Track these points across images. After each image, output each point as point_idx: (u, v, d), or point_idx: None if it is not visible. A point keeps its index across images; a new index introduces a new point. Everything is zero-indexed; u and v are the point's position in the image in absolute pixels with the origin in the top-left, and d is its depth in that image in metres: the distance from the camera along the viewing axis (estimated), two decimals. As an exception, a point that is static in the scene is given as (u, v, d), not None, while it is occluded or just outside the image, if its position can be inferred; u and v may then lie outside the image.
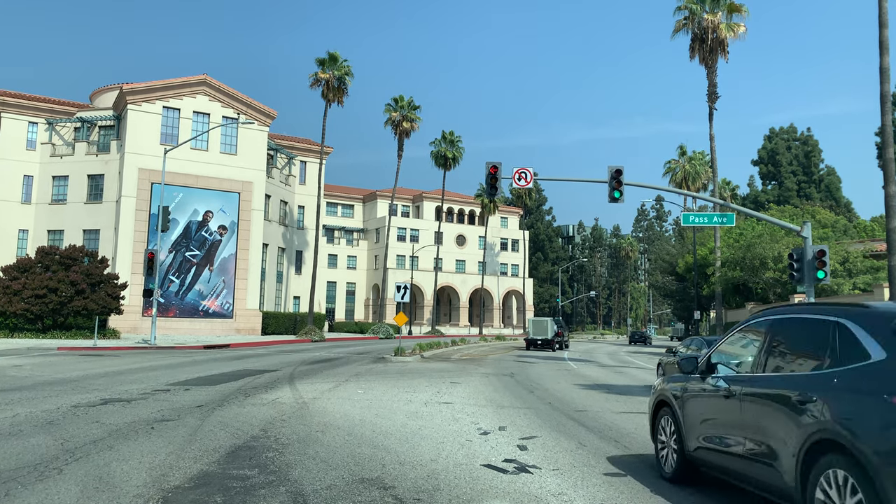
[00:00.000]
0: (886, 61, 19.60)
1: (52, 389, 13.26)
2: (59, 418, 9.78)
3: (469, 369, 22.52)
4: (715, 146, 39.49)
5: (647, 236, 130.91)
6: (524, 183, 23.42)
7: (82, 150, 48.42)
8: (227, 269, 48.49)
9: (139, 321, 44.26)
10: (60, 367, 18.34)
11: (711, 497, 6.40)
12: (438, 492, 6.30)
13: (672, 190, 29.73)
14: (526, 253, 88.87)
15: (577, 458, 8.14)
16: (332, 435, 9.14)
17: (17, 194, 48.02)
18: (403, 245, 78.48)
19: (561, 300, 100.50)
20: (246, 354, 26.93)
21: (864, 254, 33.65)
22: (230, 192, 48.95)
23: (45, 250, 35.75)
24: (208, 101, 49.17)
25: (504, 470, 7.31)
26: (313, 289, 50.40)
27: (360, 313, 78.31)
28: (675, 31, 39.74)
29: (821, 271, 22.44)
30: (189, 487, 6.17)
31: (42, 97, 50.65)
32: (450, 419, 10.92)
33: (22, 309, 33.20)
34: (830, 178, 75.71)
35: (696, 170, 61.75)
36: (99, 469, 6.76)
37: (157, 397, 12.51)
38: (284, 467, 7.08)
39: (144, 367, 19.37)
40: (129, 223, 45.21)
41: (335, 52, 51.58)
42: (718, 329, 40.50)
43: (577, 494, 6.38)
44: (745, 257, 34.71)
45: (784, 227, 27.04)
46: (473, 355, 32.33)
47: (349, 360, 25.40)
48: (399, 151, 63.21)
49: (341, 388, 15.02)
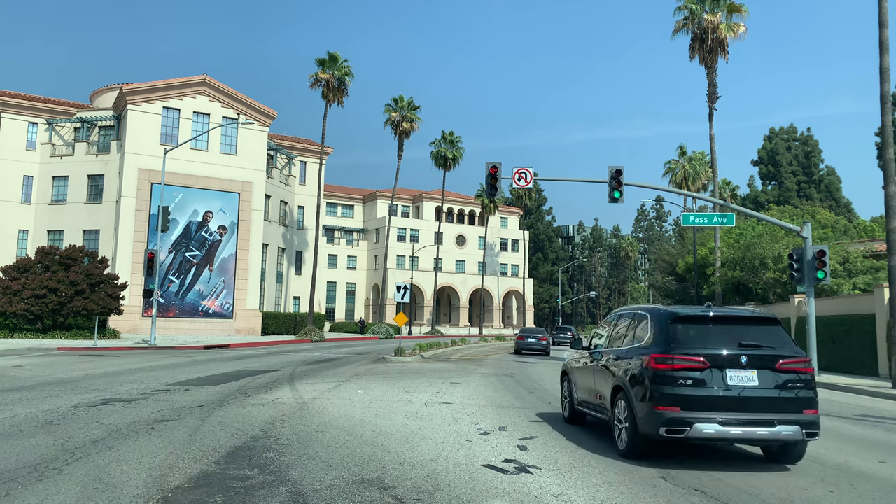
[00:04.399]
0: (886, 61, 19.60)
1: (52, 390, 13.26)
2: (59, 418, 9.78)
3: (469, 369, 22.52)
4: (715, 146, 39.51)
5: (647, 236, 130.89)
6: (524, 183, 23.44)
7: (82, 151, 48.42)
8: (227, 270, 48.49)
9: (139, 321, 44.26)
10: (60, 368, 18.33)
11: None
12: (438, 492, 6.30)
13: (672, 190, 29.74)
14: (526, 253, 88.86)
15: (577, 458, 8.15)
16: (332, 435, 9.14)
17: (17, 194, 48.02)
18: (403, 245, 78.49)
19: (561, 300, 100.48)
20: (246, 355, 26.93)
21: (864, 254, 33.61)
22: (230, 192, 48.96)
23: (45, 250, 35.74)
24: (208, 102, 49.18)
25: (504, 470, 7.32)
26: (313, 289, 50.40)
27: (360, 313, 78.30)
28: (675, 32, 39.74)
29: (821, 271, 22.47)
30: (189, 488, 6.17)
31: (42, 97, 50.65)
32: (450, 419, 10.93)
33: (22, 309, 33.19)
34: (830, 178, 75.68)
35: (696, 170, 61.73)
36: (99, 469, 6.76)
37: (157, 397, 12.51)
38: (284, 467, 7.08)
39: (144, 367, 19.36)
40: (129, 223, 45.22)
41: (335, 52, 51.59)
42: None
43: (577, 494, 6.39)
44: (745, 257, 34.69)
45: (784, 227, 27.04)
46: (473, 356, 32.33)
47: (349, 360, 25.40)
48: (399, 151, 63.22)
49: (341, 389, 15.03)
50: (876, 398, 17.51)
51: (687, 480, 7.10)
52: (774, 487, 6.98)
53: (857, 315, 25.38)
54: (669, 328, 8.00)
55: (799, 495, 6.69)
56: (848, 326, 25.93)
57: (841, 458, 8.68)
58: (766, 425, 7.41)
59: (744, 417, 7.41)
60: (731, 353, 7.62)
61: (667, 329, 8.00)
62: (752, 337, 7.85)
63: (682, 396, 7.48)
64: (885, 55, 19.59)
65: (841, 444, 9.80)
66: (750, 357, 7.61)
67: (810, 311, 22.88)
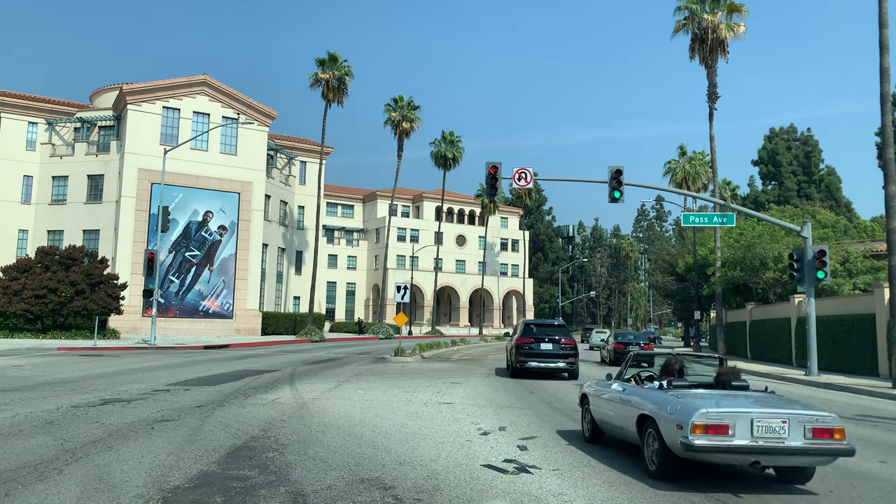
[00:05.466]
0: (886, 61, 19.59)
1: (52, 390, 13.26)
2: (59, 418, 9.78)
3: (469, 369, 22.52)
4: (715, 146, 39.46)
5: (647, 236, 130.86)
6: (524, 183, 23.43)
7: (82, 151, 48.41)
8: (227, 270, 48.49)
9: (139, 321, 44.25)
10: (60, 368, 18.34)
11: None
12: (438, 492, 6.30)
13: (672, 190, 29.74)
14: (526, 253, 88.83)
15: (577, 458, 8.15)
16: (332, 435, 9.14)
17: (17, 194, 48.01)
18: (403, 245, 78.47)
19: (561, 300, 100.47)
20: (246, 354, 26.93)
21: (865, 254, 33.59)
22: (230, 192, 48.95)
23: (45, 250, 35.74)
24: (208, 102, 49.17)
25: (504, 470, 7.32)
26: (313, 289, 50.38)
27: (360, 313, 78.30)
28: (675, 32, 39.69)
29: (821, 271, 22.47)
30: (189, 488, 6.17)
31: (42, 97, 50.64)
32: (450, 419, 10.93)
33: (22, 309, 33.19)
34: (830, 178, 75.64)
35: (697, 170, 61.73)
36: (99, 469, 6.76)
37: (157, 397, 12.51)
38: (284, 467, 7.08)
39: (144, 367, 19.37)
40: (128, 223, 45.21)
41: (335, 52, 51.57)
42: (719, 329, 40.51)
43: (577, 494, 6.39)
44: (746, 257, 34.68)
45: (784, 227, 27.04)
46: (473, 355, 32.33)
47: (349, 360, 25.40)
48: (399, 151, 63.19)
49: (341, 389, 15.03)
50: (876, 398, 17.50)
51: (687, 480, 7.09)
52: (774, 487, 6.98)
53: (857, 315, 25.36)
54: (526, 328, 20.17)
55: (799, 495, 6.69)
56: (848, 326, 25.91)
57: (841, 458, 8.68)
58: (554, 362, 19.43)
59: (544, 360, 19.32)
60: (542, 337, 19.60)
61: (524, 328, 20.21)
62: (553, 331, 20.02)
63: (525, 352, 19.39)
64: (885, 55, 19.58)
65: (841, 444, 9.78)
66: (549, 338, 19.57)
67: (810, 310, 22.87)
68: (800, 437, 6.50)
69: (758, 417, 6.50)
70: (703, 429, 6.45)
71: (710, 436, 6.44)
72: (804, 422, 6.56)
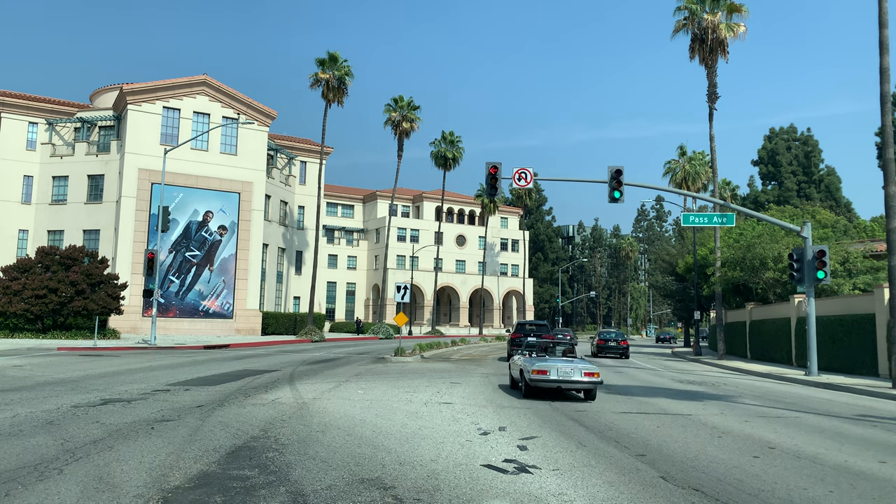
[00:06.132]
0: (886, 61, 19.59)
1: (52, 389, 13.26)
2: (59, 418, 9.78)
3: (469, 369, 22.52)
4: (715, 146, 39.45)
5: (647, 236, 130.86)
6: (524, 183, 23.43)
7: (82, 151, 48.41)
8: (228, 270, 48.49)
9: (139, 321, 44.26)
10: (60, 368, 18.34)
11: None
12: (438, 492, 6.31)
13: (672, 190, 29.73)
14: (526, 253, 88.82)
15: (577, 458, 8.15)
16: (332, 435, 9.14)
17: (17, 194, 48.01)
18: (403, 245, 78.47)
19: (561, 300, 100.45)
20: (246, 354, 26.94)
21: (864, 254, 33.59)
22: (230, 192, 48.96)
23: (45, 250, 35.74)
24: (208, 102, 49.18)
25: (504, 470, 7.32)
26: (313, 289, 50.38)
27: (360, 313, 78.30)
28: (675, 32, 39.67)
29: (821, 271, 22.48)
30: (189, 488, 6.18)
31: (42, 97, 50.64)
32: (450, 419, 10.93)
33: (22, 309, 33.19)
34: (830, 178, 75.63)
35: (696, 170, 61.69)
36: (99, 469, 6.76)
37: (157, 397, 12.51)
38: (284, 467, 7.09)
39: (144, 367, 19.37)
40: (129, 223, 45.22)
41: (335, 52, 51.57)
42: (719, 329, 40.49)
43: (577, 494, 6.39)
44: (745, 257, 34.67)
45: (784, 227, 27.04)
46: (473, 356, 32.33)
47: (349, 360, 25.40)
48: (399, 152, 63.19)
49: (341, 389, 15.03)
50: (876, 398, 17.50)
51: (687, 480, 7.10)
52: (774, 487, 6.99)
53: (857, 315, 25.36)
54: (518, 326, 29.11)
55: (799, 495, 6.70)
56: (848, 326, 25.91)
57: (841, 458, 8.68)
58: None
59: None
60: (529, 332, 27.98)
61: (517, 326, 29.20)
62: (538, 329, 28.65)
63: (517, 345, 25.85)
64: (885, 55, 19.58)
65: (841, 444, 9.80)
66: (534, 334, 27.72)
67: (810, 310, 22.87)
68: (580, 375, 13.66)
69: (560, 367, 13.76)
70: (536, 372, 13.81)
71: (539, 375, 13.76)
72: (581, 369, 13.72)
